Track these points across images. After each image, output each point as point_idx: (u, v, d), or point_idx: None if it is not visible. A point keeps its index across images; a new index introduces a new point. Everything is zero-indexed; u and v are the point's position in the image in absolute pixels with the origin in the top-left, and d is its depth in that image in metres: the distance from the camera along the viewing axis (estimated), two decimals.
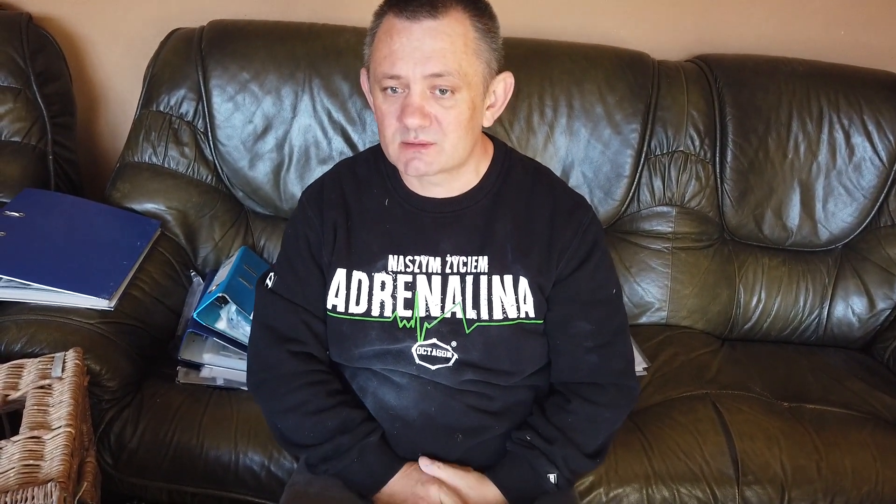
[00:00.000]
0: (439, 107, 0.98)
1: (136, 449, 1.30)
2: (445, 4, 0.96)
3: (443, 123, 0.98)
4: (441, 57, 0.95)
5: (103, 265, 1.43)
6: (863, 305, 1.70)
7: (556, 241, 1.08)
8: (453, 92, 0.97)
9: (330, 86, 1.63)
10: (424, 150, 1.00)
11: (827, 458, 1.35)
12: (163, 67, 1.66)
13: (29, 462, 0.95)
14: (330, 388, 1.10)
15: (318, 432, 1.07)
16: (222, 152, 1.65)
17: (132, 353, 1.36)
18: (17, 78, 1.67)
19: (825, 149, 1.68)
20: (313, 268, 1.11)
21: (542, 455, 1.07)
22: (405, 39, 0.95)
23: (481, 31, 0.99)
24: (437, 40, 0.95)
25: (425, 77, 0.96)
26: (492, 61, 1.01)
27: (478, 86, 0.99)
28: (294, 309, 1.11)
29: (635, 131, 1.65)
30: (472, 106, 0.99)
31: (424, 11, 0.95)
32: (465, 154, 1.03)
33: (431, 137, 0.99)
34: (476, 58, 0.98)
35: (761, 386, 1.52)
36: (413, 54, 0.95)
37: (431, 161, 1.01)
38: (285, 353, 1.10)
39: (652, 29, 1.83)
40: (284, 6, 1.79)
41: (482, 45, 0.99)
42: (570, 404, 1.09)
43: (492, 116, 1.05)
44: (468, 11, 0.98)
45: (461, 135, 1.00)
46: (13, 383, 1.10)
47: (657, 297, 1.68)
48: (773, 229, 1.70)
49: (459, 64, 0.96)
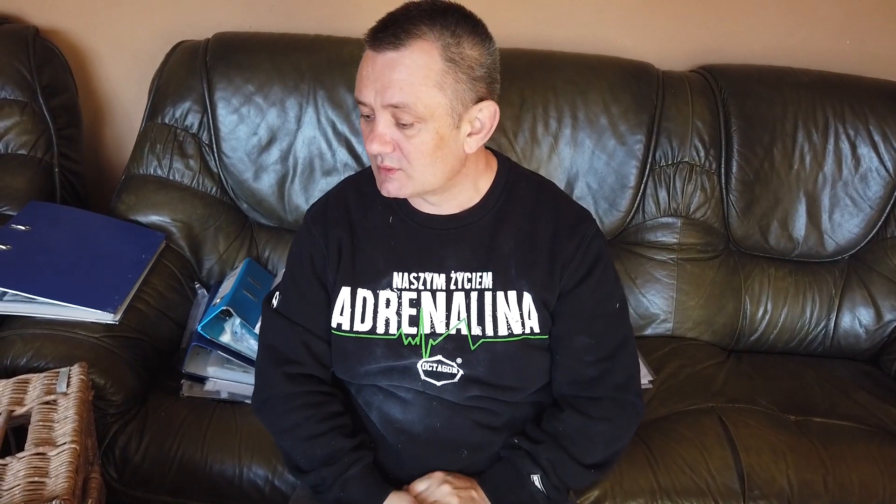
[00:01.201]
0: (401, 135, 0.98)
1: (141, 463, 1.30)
2: (412, 35, 0.94)
3: (405, 151, 0.98)
4: (398, 89, 0.95)
5: (108, 278, 1.43)
6: (870, 317, 1.69)
7: (560, 256, 1.08)
8: (413, 123, 0.97)
9: (334, 97, 1.63)
10: (391, 174, 1.01)
11: (834, 472, 1.34)
12: (168, 80, 1.67)
13: (34, 479, 0.95)
14: (326, 412, 1.10)
15: (308, 459, 1.08)
16: (227, 164, 1.65)
17: (137, 366, 1.37)
18: (24, 91, 1.68)
19: (831, 159, 1.67)
20: (317, 287, 1.11)
21: (527, 455, 1.06)
22: (370, 68, 0.97)
23: (452, 62, 0.95)
24: (394, 72, 0.94)
25: (384, 107, 0.96)
26: (465, 91, 0.97)
27: (443, 117, 0.97)
28: (295, 329, 1.11)
29: (640, 142, 1.65)
30: (438, 136, 0.98)
31: (387, 42, 0.95)
32: (439, 180, 1.03)
33: (395, 164, 1.00)
34: (438, 90, 0.95)
35: (768, 399, 1.51)
36: (374, 84, 0.96)
37: (401, 186, 1.02)
38: (281, 375, 1.10)
39: (656, 39, 1.83)
40: (288, 18, 1.80)
41: (449, 77, 0.95)
42: (563, 413, 1.09)
43: (476, 143, 1.03)
44: (439, 42, 0.95)
45: (426, 163, 0.99)
46: (19, 399, 1.10)
47: (662, 309, 1.68)
48: (779, 240, 1.69)
49: (417, 96, 0.95)
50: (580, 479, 1.10)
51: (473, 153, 1.04)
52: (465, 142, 1.01)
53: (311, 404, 1.09)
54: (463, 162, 1.04)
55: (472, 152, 1.03)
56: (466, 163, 1.05)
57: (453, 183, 1.05)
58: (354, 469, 1.06)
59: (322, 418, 1.09)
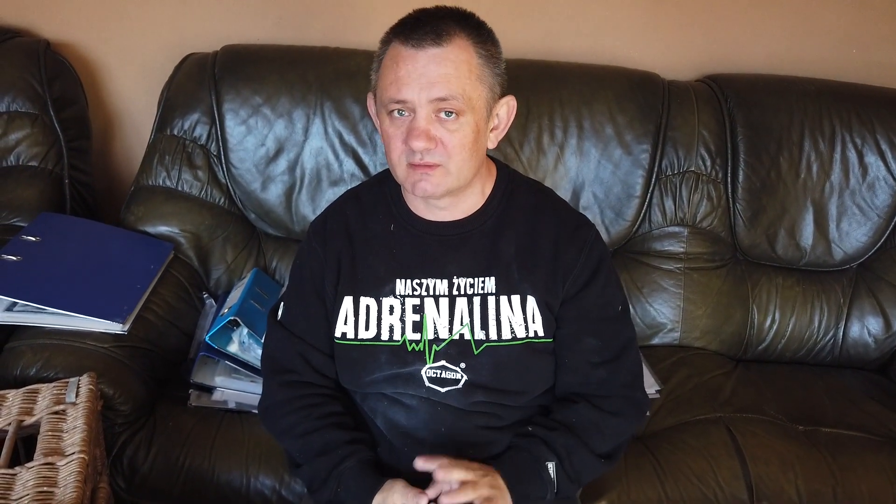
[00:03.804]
0: (444, 130, 1.00)
1: (149, 472, 1.31)
2: (449, 33, 0.99)
3: (448, 146, 1.01)
4: (446, 82, 0.98)
5: (117, 289, 1.44)
6: (879, 326, 1.68)
7: (562, 260, 1.09)
8: (458, 115, 1.00)
9: (341, 108, 1.64)
10: (431, 171, 1.02)
11: (843, 482, 1.33)
12: (177, 92, 1.68)
13: (43, 489, 0.96)
14: (322, 411, 1.10)
15: (304, 453, 1.09)
16: (235, 175, 1.67)
17: (145, 376, 1.37)
18: (35, 103, 1.70)
19: (838, 168, 1.67)
20: (316, 300, 1.13)
21: (543, 443, 1.06)
22: (411, 66, 0.99)
23: (484, 57, 1.01)
24: (441, 66, 0.98)
25: (430, 101, 0.99)
26: (494, 86, 1.03)
27: (481, 110, 1.02)
28: (294, 341, 1.13)
29: (646, 151, 1.66)
30: (476, 129, 1.02)
31: (429, 39, 0.98)
32: (470, 175, 1.06)
33: (437, 159, 1.01)
34: (479, 83, 1.01)
35: (776, 408, 1.50)
36: (419, 80, 0.98)
37: (438, 183, 1.03)
38: (276, 384, 1.13)
39: (662, 49, 1.84)
40: (296, 31, 1.81)
41: (485, 71, 1.01)
42: (577, 405, 1.09)
43: (495, 139, 1.08)
44: (471, 39, 1.00)
45: (465, 157, 1.02)
46: (28, 409, 1.11)
47: (670, 318, 1.67)
48: (787, 249, 1.69)
49: (463, 88, 0.99)
50: (592, 469, 1.10)
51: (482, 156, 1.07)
52: (488, 137, 1.06)
53: (308, 405, 1.11)
54: (483, 159, 1.08)
55: (493, 147, 1.07)
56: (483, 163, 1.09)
57: (472, 182, 1.08)
58: (350, 461, 1.05)
59: (319, 416, 1.10)
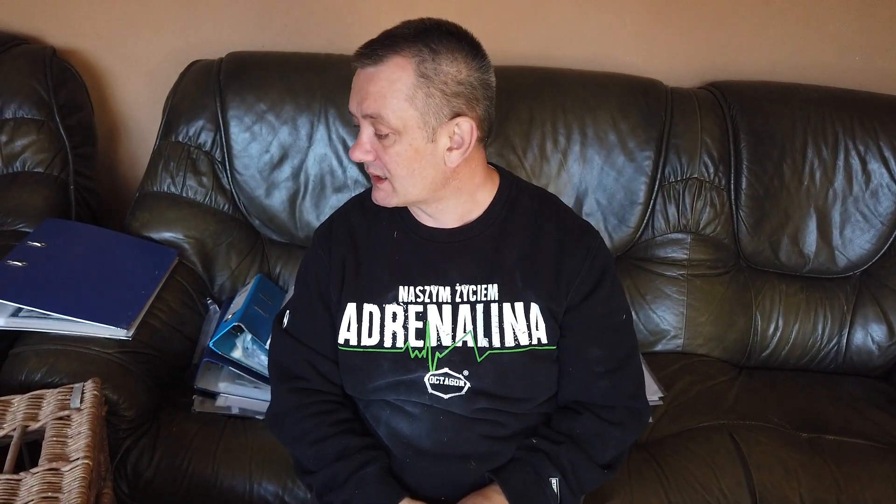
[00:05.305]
0: (381, 146, 1.03)
1: (153, 478, 1.31)
2: (389, 52, 1.00)
3: (383, 160, 1.04)
4: (373, 100, 1.00)
5: (122, 294, 1.45)
6: (882, 333, 1.68)
7: (565, 268, 1.09)
8: (388, 134, 1.02)
9: (345, 115, 1.65)
10: (380, 183, 1.07)
11: (847, 490, 1.33)
12: (182, 99, 1.69)
13: (47, 494, 0.96)
14: (334, 418, 1.11)
15: (319, 459, 1.09)
16: (239, 181, 1.67)
17: (149, 382, 1.38)
18: (41, 110, 1.71)
19: (841, 175, 1.67)
20: (321, 306, 1.14)
21: (546, 457, 1.07)
22: (355, 81, 1.04)
23: (426, 77, 0.99)
24: (370, 85, 1.01)
25: (364, 117, 1.03)
26: (440, 106, 1.00)
27: (415, 129, 1.01)
28: (300, 348, 1.13)
29: (649, 158, 1.66)
30: (413, 148, 1.02)
31: (366, 58, 1.01)
32: (422, 192, 1.06)
33: (379, 172, 1.06)
34: (408, 103, 0.99)
35: (779, 416, 1.50)
36: (356, 96, 1.03)
37: (387, 195, 1.07)
38: (288, 391, 1.13)
39: (664, 56, 1.84)
40: (300, 38, 1.82)
41: (420, 92, 0.99)
42: (581, 416, 1.10)
43: (457, 157, 1.04)
44: (415, 58, 0.99)
45: (404, 174, 1.04)
46: (33, 414, 1.11)
47: (673, 325, 1.67)
48: (790, 256, 1.69)
49: (389, 108, 1.00)
50: (594, 480, 1.11)
51: (466, 167, 1.07)
52: (445, 156, 1.04)
53: (320, 412, 1.11)
54: (447, 175, 1.06)
55: (453, 166, 1.05)
56: (457, 176, 1.07)
57: (442, 195, 1.08)
58: (372, 467, 1.07)
59: (332, 423, 1.10)
